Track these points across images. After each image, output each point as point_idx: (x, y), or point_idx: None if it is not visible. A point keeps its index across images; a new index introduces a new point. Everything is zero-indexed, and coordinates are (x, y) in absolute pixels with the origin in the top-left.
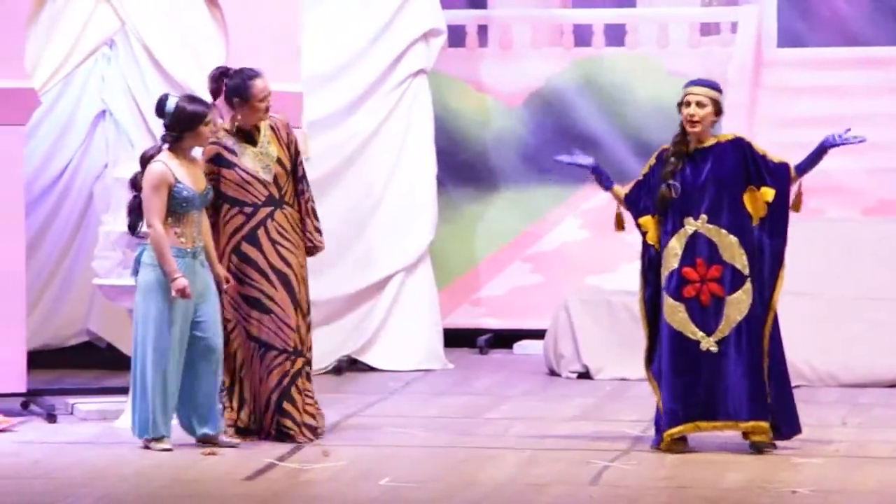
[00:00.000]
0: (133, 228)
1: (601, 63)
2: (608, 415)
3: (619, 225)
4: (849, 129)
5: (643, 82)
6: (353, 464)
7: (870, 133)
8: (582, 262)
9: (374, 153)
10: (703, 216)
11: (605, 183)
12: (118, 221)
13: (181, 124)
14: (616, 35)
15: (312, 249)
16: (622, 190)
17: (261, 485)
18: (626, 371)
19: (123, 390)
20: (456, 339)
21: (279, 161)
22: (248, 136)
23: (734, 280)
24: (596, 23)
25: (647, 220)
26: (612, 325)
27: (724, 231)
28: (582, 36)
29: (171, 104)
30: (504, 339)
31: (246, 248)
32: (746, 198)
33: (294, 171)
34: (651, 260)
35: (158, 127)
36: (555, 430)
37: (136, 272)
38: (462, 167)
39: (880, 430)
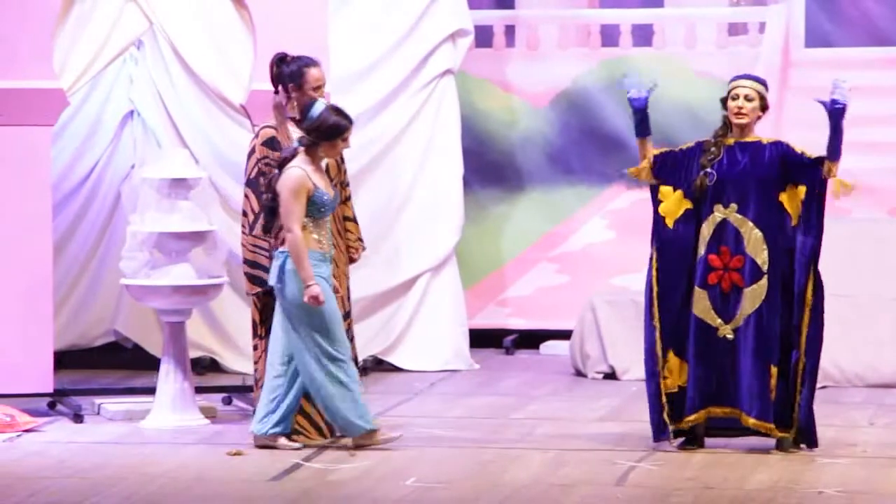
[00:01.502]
0: (267, 229)
1: (628, 63)
2: (634, 415)
3: (645, 174)
4: (836, 87)
5: (670, 83)
6: (380, 464)
7: None
8: (608, 262)
9: (401, 154)
10: (733, 205)
11: (644, 129)
12: (145, 222)
13: (320, 133)
14: (643, 35)
15: (355, 254)
16: (653, 149)
17: (287, 485)
18: None
19: (150, 391)
20: (482, 339)
21: None
22: (300, 124)
23: (752, 273)
24: (623, 23)
25: (668, 191)
26: (639, 325)
27: (750, 223)
28: (609, 36)
29: (316, 110)
30: (530, 339)
31: None
32: (785, 197)
33: (339, 171)
34: (663, 242)
35: (185, 127)
36: (581, 431)
37: (280, 280)
38: (488, 167)
39: None
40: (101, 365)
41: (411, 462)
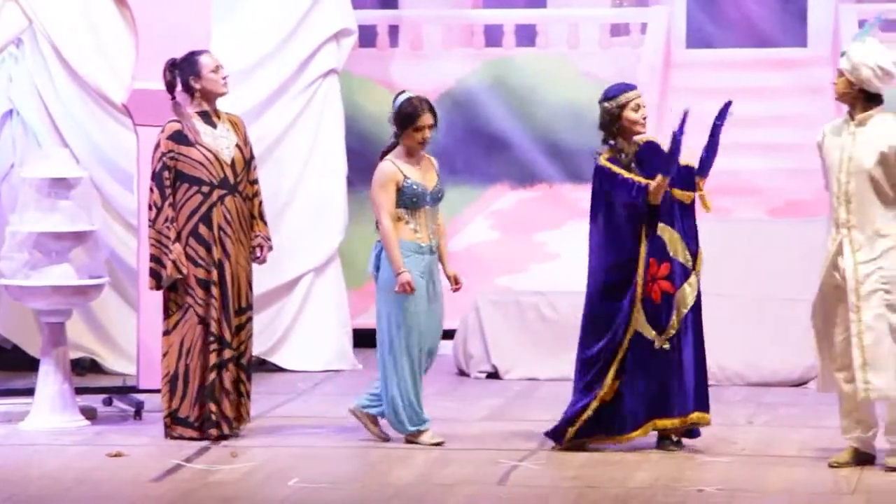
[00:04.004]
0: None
1: (512, 64)
2: (517, 415)
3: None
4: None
5: (554, 83)
6: (263, 464)
7: (778, 134)
8: (492, 262)
9: (285, 153)
10: None
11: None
12: (25, 221)
13: (396, 123)
14: (526, 35)
15: (262, 251)
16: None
17: (168, 486)
18: (534, 371)
19: (29, 392)
20: (365, 339)
21: (238, 146)
22: (208, 118)
23: (681, 274)
24: (506, 23)
25: None
26: (522, 325)
27: (668, 226)
28: (492, 36)
29: (396, 101)
30: None
31: (202, 229)
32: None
33: (248, 167)
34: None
35: (66, 126)
36: (464, 431)
37: (376, 268)
38: (372, 168)
39: (786, 430)
40: None
41: (295, 462)
